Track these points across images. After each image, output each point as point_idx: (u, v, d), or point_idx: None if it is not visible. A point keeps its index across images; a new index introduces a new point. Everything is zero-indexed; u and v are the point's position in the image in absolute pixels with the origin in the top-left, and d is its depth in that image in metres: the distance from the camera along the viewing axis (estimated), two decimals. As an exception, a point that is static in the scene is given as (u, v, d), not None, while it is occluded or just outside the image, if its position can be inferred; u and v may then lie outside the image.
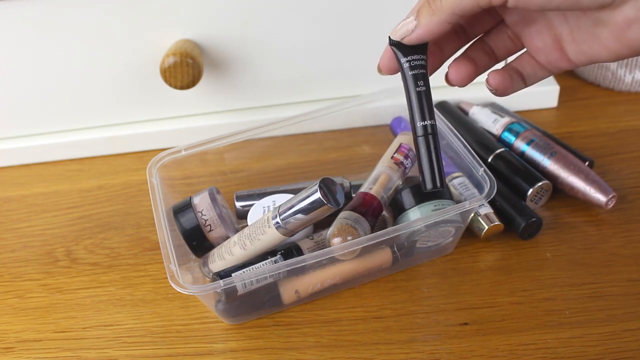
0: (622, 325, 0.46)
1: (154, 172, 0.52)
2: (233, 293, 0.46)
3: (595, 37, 0.35)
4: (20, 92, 0.63)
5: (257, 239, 0.47)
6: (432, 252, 0.52)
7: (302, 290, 0.49)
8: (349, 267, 0.49)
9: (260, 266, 0.48)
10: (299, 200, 0.46)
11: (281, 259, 0.48)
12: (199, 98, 0.65)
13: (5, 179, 0.66)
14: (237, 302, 0.48)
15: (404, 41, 0.37)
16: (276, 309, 0.50)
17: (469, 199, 0.51)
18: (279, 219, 0.46)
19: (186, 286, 0.43)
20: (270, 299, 0.49)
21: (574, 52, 0.37)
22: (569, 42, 0.37)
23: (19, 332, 0.51)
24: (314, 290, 0.49)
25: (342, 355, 0.47)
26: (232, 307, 0.48)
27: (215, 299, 0.47)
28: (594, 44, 0.36)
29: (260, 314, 0.50)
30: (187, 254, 0.52)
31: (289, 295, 0.48)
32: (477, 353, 0.46)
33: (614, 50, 0.35)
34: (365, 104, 0.57)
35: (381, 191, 0.49)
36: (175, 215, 0.52)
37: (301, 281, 0.48)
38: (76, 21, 0.58)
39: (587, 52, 0.37)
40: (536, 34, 0.38)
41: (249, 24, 0.60)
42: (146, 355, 0.48)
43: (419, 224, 0.47)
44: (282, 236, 0.47)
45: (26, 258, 0.57)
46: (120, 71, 0.62)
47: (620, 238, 0.53)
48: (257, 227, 0.48)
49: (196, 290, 0.43)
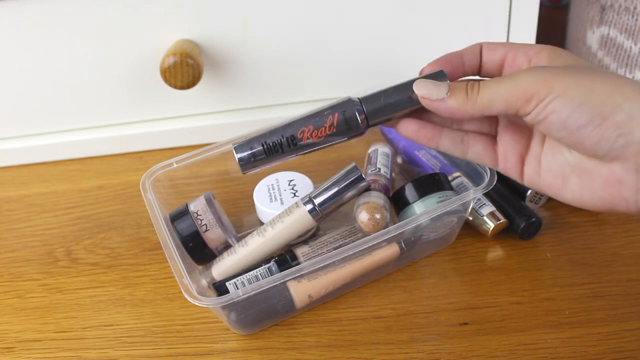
0: (622, 325, 0.46)
1: (147, 187, 0.51)
2: (247, 303, 0.45)
3: (564, 175, 0.36)
4: (21, 92, 0.63)
5: (284, 224, 0.48)
6: (435, 244, 0.52)
7: (314, 294, 0.48)
8: (360, 265, 0.49)
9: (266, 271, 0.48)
10: (336, 181, 0.48)
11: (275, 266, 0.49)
12: (199, 98, 0.65)
13: (5, 179, 0.66)
14: (251, 311, 0.47)
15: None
16: (289, 314, 0.49)
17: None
18: (315, 205, 0.48)
19: (203, 299, 0.42)
20: (283, 305, 0.48)
21: (532, 171, 0.38)
22: (533, 160, 0.38)
23: (19, 332, 0.51)
24: (327, 292, 0.49)
25: (342, 355, 0.47)
26: (245, 317, 0.47)
27: (227, 310, 0.46)
28: (559, 180, 0.37)
29: (272, 321, 0.49)
30: (190, 264, 0.52)
31: (301, 300, 0.48)
32: (477, 353, 0.46)
33: (580, 197, 0.36)
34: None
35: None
36: (172, 222, 0.52)
37: (313, 285, 0.48)
38: (76, 21, 0.58)
39: (546, 181, 0.37)
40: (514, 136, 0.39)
41: (248, 24, 0.60)
42: (146, 355, 0.48)
43: (426, 216, 0.47)
44: (313, 222, 0.48)
45: (26, 258, 0.57)
46: (120, 71, 0.62)
47: (620, 238, 0.53)
48: (283, 215, 0.49)
49: (210, 303, 0.43)
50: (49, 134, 0.67)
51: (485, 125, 0.40)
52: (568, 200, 0.37)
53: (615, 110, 0.33)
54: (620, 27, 0.58)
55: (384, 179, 0.53)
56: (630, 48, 0.58)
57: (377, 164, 0.55)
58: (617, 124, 0.33)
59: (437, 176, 0.51)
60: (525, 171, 0.38)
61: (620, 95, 0.33)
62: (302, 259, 0.49)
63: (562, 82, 0.34)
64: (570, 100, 0.33)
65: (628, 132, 0.33)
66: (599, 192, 0.35)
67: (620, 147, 0.33)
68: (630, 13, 0.57)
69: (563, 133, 0.34)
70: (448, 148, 0.40)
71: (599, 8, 0.60)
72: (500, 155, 0.39)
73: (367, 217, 0.48)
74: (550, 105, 0.34)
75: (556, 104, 0.33)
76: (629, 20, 0.58)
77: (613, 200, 0.35)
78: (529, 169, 0.38)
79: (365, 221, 0.48)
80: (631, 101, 0.33)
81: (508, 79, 0.35)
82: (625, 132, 0.33)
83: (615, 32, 0.59)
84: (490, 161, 0.40)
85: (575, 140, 0.34)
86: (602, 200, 0.35)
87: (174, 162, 0.52)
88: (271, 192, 0.53)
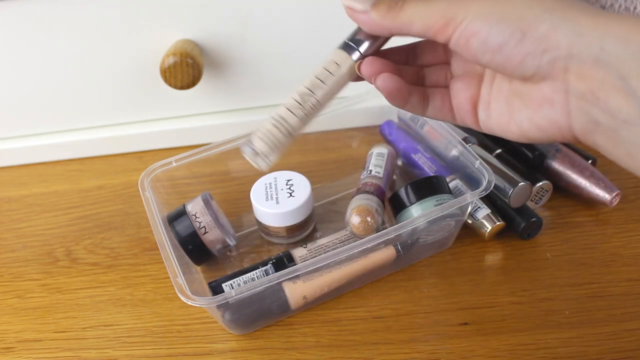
0: (622, 325, 0.46)
1: (146, 186, 0.51)
2: (241, 303, 0.45)
3: (509, 107, 0.35)
4: (21, 92, 0.63)
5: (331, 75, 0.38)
6: (433, 247, 0.52)
7: (309, 296, 0.48)
8: (355, 267, 0.49)
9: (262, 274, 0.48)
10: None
11: (272, 269, 0.49)
12: (199, 98, 0.65)
13: (5, 179, 0.66)
14: (246, 311, 0.47)
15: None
16: (284, 315, 0.50)
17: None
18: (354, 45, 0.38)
19: (196, 299, 0.42)
20: (278, 306, 0.48)
21: (484, 115, 0.37)
22: (484, 103, 0.37)
23: (19, 332, 0.51)
24: (322, 293, 0.49)
25: (342, 355, 0.47)
26: (240, 317, 0.47)
27: (222, 310, 0.46)
28: (505, 115, 0.35)
29: (267, 322, 0.49)
30: (188, 263, 0.52)
31: (296, 301, 0.48)
32: (477, 353, 0.46)
33: (522, 127, 0.34)
34: (359, 103, 0.57)
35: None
36: (170, 223, 0.52)
37: (308, 286, 0.48)
38: (76, 21, 0.58)
39: (495, 119, 0.36)
40: (465, 82, 0.38)
41: (248, 24, 0.60)
42: (146, 355, 0.48)
43: (423, 219, 0.47)
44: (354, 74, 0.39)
45: (26, 258, 0.57)
46: (120, 71, 0.62)
47: (621, 238, 0.53)
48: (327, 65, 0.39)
49: (204, 302, 0.43)
50: (49, 134, 0.67)
51: (442, 76, 0.39)
52: (514, 136, 0.35)
53: (535, 22, 0.31)
54: (620, 27, 0.58)
55: (376, 179, 0.53)
56: (630, 48, 0.58)
57: (370, 166, 0.55)
58: (539, 37, 0.31)
59: (435, 179, 0.51)
60: (479, 116, 0.37)
61: (540, 7, 0.31)
62: (299, 262, 0.49)
63: (478, 2, 0.32)
64: (487, 18, 0.32)
65: (554, 47, 0.30)
66: (535, 119, 0.33)
67: (547, 64, 0.31)
68: (630, 13, 0.57)
69: (487, 55, 0.33)
70: (414, 106, 0.38)
71: (599, 8, 0.60)
72: (455, 105, 0.38)
73: (359, 220, 0.48)
74: (468, 27, 0.32)
75: (474, 24, 0.32)
76: (629, 20, 0.58)
77: (548, 127, 0.33)
78: (482, 114, 0.37)
79: (356, 224, 0.48)
80: (552, 12, 0.31)
81: (429, 1, 0.34)
82: (550, 47, 0.31)
83: (615, 32, 0.59)
84: (447, 113, 0.39)
85: (501, 62, 0.32)
86: (539, 129, 0.34)
87: (173, 161, 0.52)
88: (268, 190, 0.53)
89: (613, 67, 0.29)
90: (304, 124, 0.38)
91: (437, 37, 0.34)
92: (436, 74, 0.40)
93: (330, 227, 0.56)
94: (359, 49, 0.37)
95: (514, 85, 0.35)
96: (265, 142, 0.37)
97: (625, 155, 0.30)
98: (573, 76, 0.31)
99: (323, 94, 0.37)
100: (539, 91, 0.33)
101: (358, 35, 0.38)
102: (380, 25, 0.35)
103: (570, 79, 0.31)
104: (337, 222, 0.57)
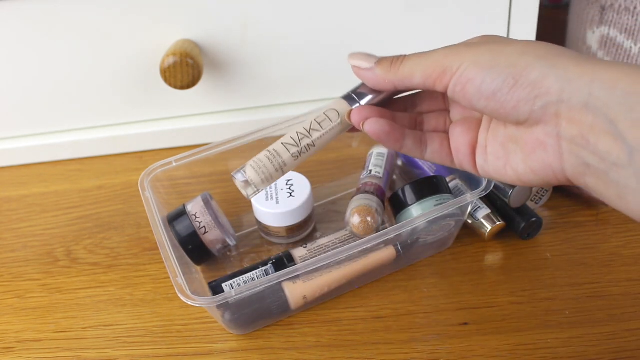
0: (622, 325, 0.46)
1: (146, 186, 0.51)
2: (241, 303, 0.45)
3: (505, 152, 0.36)
4: (21, 92, 0.63)
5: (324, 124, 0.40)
6: (433, 247, 0.52)
7: (309, 296, 0.48)
8: (355, 267, 0.49)
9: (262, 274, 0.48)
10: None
11: (272, 269, 0.49)
12: (199, 98, 0.65)
13: (5, 179, 0.66)
14: (246, 311, 0.47)
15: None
16: (284, 315, 0.49)
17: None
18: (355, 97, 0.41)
19: (196, 299, 0.42)
20: (278, 306, 0.48)
21: (482, 160, 0.38)
22: (481, 148, 0.38)
23: (19, 332, 0.51)
24: (322, 293, 0.49)
25: (342, 355, 0.47)
26: (240, 317, 0.47)
27: (222, 310, 0.46)
28: (502, 159, 0.36)
29: (267, 322, 0.49)
30: (188, 263, 0.52)
31: (296, 301, 0.48)
32: (477, 353, 0.46)
33: (517, 171, 0.35)
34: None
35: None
36: (170, 223, 0.52)
37: (308, 286, 0.48)
38: (76, 21, 0.58)
39: (492, 164, 0.37)
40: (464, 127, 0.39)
41: (248, 24, 0.60)
42: (146, 355, 0.48)
43: (423, 219, 0.47)
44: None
45: (26, 258, 0.57)
46: (120, 71, 0.62)
47: (620, 238, 0.53)
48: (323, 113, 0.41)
49: (204, 302, 0.43)
50: (49, 134, 0.67)
51: (441, 122, 0.41)
52: (511, 180, 0.36)
53: (526, 69, 0.32)
54: (620, 27, 0.58)
55: (376, 179, 0.53)
56: (630, 48, 0.58)
57: (370, 166, 0.55)
58: (531, 84, 0.32)
59: (435, 179, 0.51)
60: (477, 161, 0.38)
61: (532, 55, 0.32)
62: (299, 262, 0.49)
63: (472, 51, 0.34)
64: (481, 66, 0.33)
65: (545, 92, 0.31)
66: (529, 162, 0.34)
67: (539, 110, 0.32)
68: (630, 13, 0.57)
69: (482, 102, 0.34)
70: (410, 149, 0.40)
71: (599, 8, 0.60)
72: (454, 150, 0.39)
73: (359, 220, 0.48)
74: (464, 74, 0.34)
75: (469, 71, 0.34)
76: (629, 20, 0.58)
77: (542, 170, 0.34)
78: (480, 159, 0.38)
79: (356, 224, 0.48)
80: (543, 59, 0.32)
81: (428, 54, 0.36)
82: (541, 93, 0.32)
83: (615, 32, 0.59)
84: (446, 157, 0.40)
85: (495, 107, 0.34)
86: (534, 172, 0.34)
87: (173, 161, 0.52)
88: (268, 190, 0.53)
89: (601, 112, 0.30)
90: (296, 162, 0.40)
91: (436, 85, 0.36)
92: (435, 120, 0.41)
93: (330, 227, 0.56)
94: (360, 101, 0.40)
95: (509, 130, 0.36)
96: (258, 173, 0.39)
97: (615, 196, 0.31)
98: (564, 121, 0.32)
99: (318, 137, 0.40)
100: (532, 135, 0.34)
101: (361, 89, 0.41)
102: (384, 80, 0.38)
103: (562, 123, 0.32)
104: (337, 222, 0.57)
